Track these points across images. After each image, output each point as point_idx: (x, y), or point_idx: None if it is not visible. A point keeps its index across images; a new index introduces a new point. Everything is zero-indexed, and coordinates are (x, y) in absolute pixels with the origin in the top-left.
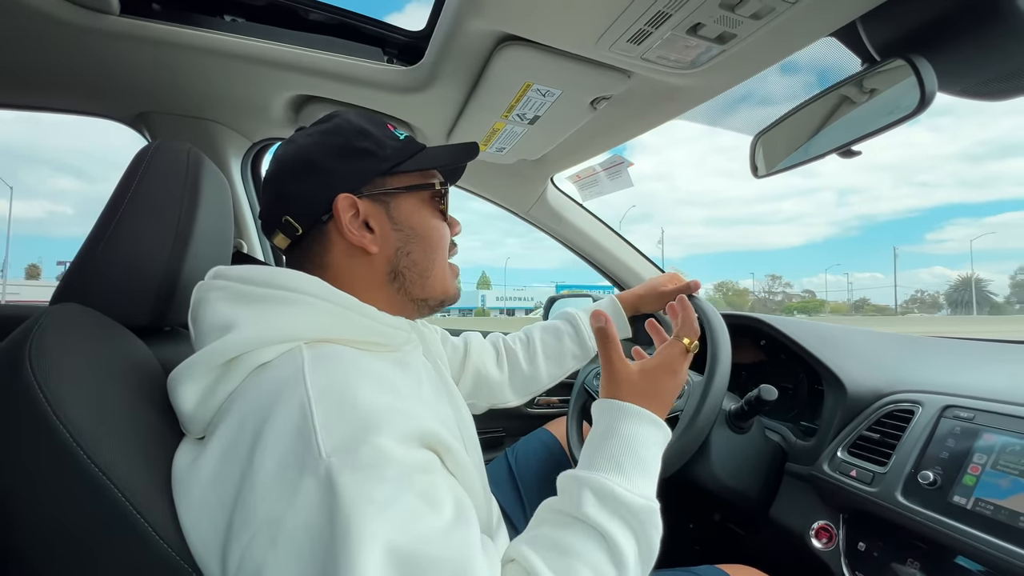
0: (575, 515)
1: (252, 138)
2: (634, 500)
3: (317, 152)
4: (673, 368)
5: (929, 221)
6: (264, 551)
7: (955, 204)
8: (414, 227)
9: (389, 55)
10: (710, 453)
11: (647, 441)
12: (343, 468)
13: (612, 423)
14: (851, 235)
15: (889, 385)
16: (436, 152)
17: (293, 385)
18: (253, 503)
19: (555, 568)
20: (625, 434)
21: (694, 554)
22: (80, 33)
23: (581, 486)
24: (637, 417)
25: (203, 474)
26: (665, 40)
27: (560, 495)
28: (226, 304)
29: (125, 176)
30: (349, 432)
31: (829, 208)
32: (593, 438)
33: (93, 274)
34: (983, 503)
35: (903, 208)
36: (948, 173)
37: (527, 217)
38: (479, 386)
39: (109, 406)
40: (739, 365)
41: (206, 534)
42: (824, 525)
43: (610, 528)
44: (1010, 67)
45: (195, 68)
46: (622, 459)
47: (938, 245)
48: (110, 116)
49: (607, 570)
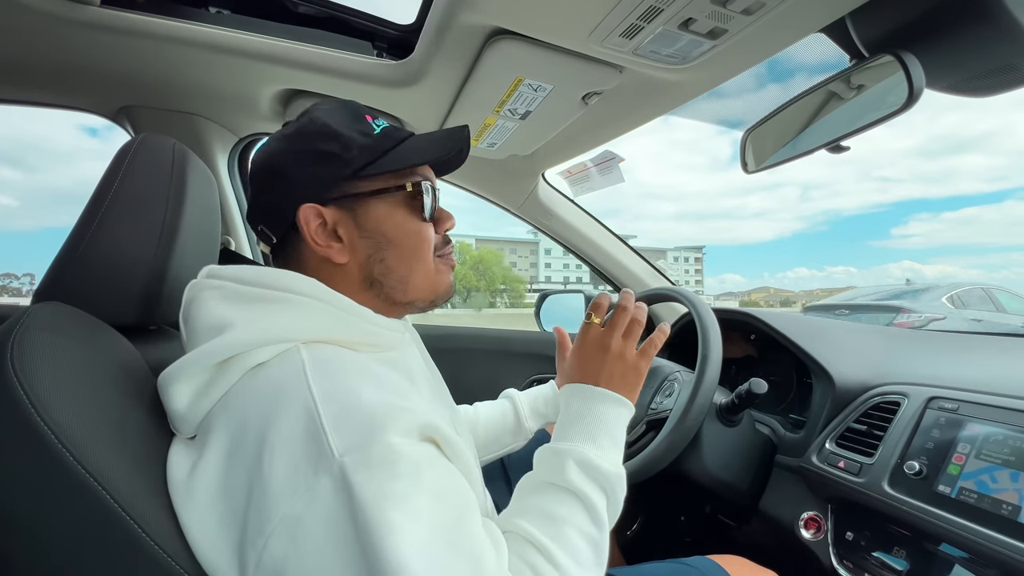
0: (559, 484)
1: (239, 133)
2: (609, 468)
3: (280, 159)
4: (584, 343)
5: (893, 216)
6: (284, 550)
7: (916, 199)
8: (385, 233)
9: (379, 49)
10: (701, 446)
11: (607, 416)
12: (357, 467)
13: (581, 404)
14: (819, 230)
15: (876, 377)
16: (416, 145)
17: (295, 387)
18: (267, 505)
19: (548, 534)
20: (593, 412)
21: (685, 546)
22: (60, 25)
23: (565, 457)
24: (601, 397)
25: (207, 479)
26: (657, 35)
27: (540, 467)
28: (220, 304)
29: (108, 171)
30: (358, 432)
31: (794, 203)
32: (567, 416)
33: (76, 271)
34: (967, 492)
35: (867, 203)
36: (906, 168)
37: (518, 213)
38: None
39: (96, 406)
40: (729, 359)
41: (217, 539)
42: (813, 515)
43: (590, 493)
44: (994, 63)
45: (180, 61)
46: (595, 433)
47: (904, 240)
48: (91, 110)
49: (590, 529)
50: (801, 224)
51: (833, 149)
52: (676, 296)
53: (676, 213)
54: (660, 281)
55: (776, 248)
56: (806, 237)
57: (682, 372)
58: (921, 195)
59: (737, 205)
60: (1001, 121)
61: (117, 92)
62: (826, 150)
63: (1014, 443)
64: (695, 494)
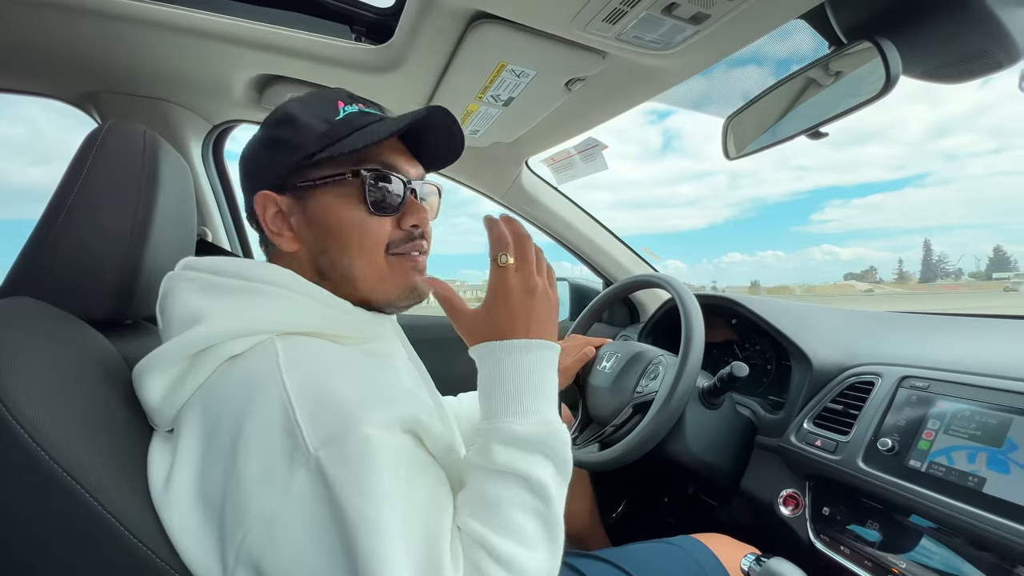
0: (489, 467)
1: (213, 120)
2: (537, 431)
3: (250, 147)
4: (505, 289)
5: (811, 203)
6: (261, 546)
7: (830, 187)
8: (326, 224)
9: (357, 33)
10: (684, 429)
11: (535, 366)
12: (332, 461)
13: (496, 362)
14: (749, 216)
15: (852, 358)
16: (374, 129)
17: (269, 380)
18: (243, 500)
19: (490, 523)
20: (511, 368)
21: (669, 526)
22: (19, 4)
23: (487, 440)
24: (521, 348)
25: (184, 476)
26: (640, 20)
27: (471, 450)
28: (195, 295)
29: (75, 160)
30: (333, 424)
31: (723, 191)
32: (483, 383)
33: (44, 265)
34: (936, 466)
35: (789, 191)
36: (819, 158)
37: (502, 201)
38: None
39: (71, 404)
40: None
41: (199, 534)
42: (791, 493)
43: (524, 466)
44: (968, 50)
45: (149, 44)
46: (520, 394)
47: (822, 225)
48: (53, 95)
49: (534, 503)
50: (731, 211)
51: (812, 135)
52: (660, 282)
53: (614, 202)
54: (644, 268)
55: (710, 235)
56: (737, 223)
57: (666, 356)
58: (834, 183)
59: (670, 194)
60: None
61: (82, 77)
62: (805, 136)
63: (980, 419)
64: (678, 475)
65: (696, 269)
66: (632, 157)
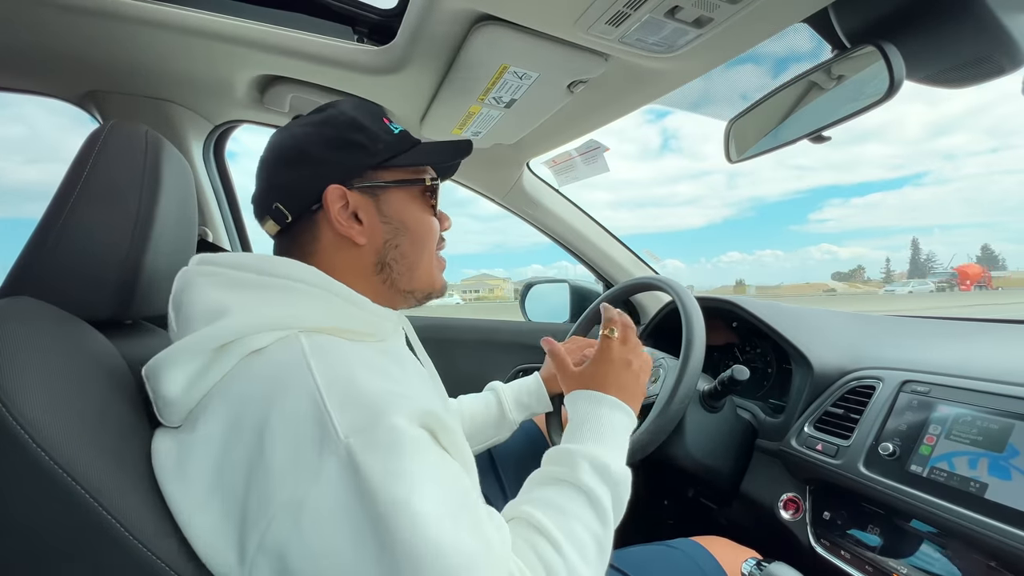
0: (571, 481)
1: (214, 120)
2: (620, 471)
3: (310, 142)
4: (608, 357)
5: (810, 202)
6: (287, 533)
7: (829, 186)
8: (404, 221)
9: (359, 34)
10: (685, 432)
11: (620, 425)
12: (363, 448)
13: (594, 406)
14: (748, 216)
15: (853, 362)
16: (430, 148)
17: (297, 372)
18: (269, 489)
19: (556, 523)
20: (606, 417)
21: (669, 528)
22: (22, 4)
23: (577, 457)
24: (611, 404)
25: (201, 462)
26: (643, 23)
27: (551, 464)
28: (218, 290)
29: (76, 160)
30: (362, 414)
31: (722, 190)
32: (576, 418)
33: (46, 265)
34: (937, 471)
35: (787, 190)
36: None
37: (503, 202)
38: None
39: (71, 404)
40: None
41: (216, 526)
42: (792, 497)
43: (600, 493)
44: (971, 55)
45: (151, 44)
46: (604, 437)
47: (820, 224)
48: (54, 95)
49: (596, 527)
50: (730, 211)
51: (815, 139)
52: (660, 285)
53: (612, 202)
54: (644, 270)
55: (709, 234)
56: (736, 223)
57: (667, 359)
58: (833, 182)
59: (669, 193)
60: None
61: (84, 76)
62: (808, 140)
63: (982, 424)
64: (679, 478)
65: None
66: (630, 156)
